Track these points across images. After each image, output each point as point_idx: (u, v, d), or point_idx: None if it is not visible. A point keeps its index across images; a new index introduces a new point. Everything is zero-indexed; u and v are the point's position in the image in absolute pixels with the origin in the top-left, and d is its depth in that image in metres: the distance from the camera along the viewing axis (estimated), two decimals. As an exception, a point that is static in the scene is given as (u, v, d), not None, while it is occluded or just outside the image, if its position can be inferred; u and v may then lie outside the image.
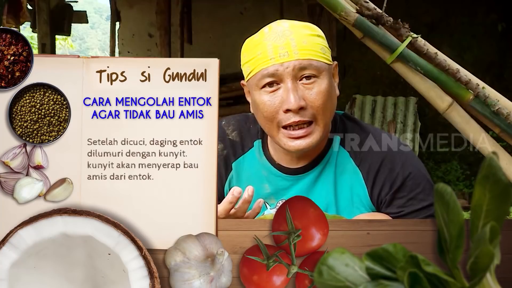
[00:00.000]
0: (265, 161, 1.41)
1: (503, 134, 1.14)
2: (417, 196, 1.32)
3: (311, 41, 1.28)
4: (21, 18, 6.48)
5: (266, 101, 1.28)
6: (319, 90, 1.27)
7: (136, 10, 8.79)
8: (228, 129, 1.47)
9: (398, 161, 1.34)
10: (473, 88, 1.13)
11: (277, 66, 1.26)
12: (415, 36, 1.15)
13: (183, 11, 7.71)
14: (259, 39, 1.31)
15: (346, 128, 1.40)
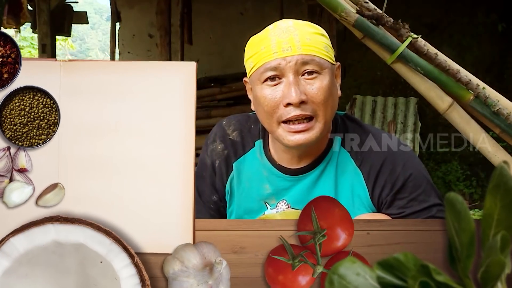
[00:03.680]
0: (266, 161, 1.41)
1: (503, 134, 1.14)
2: (418, 197, 1.32)
3: (314, 39, 1.29)
4: (21, 19, 6.48)
5: (267, 95, 1.28)
6: (321, 85, 1.27)
7: (136, 10, 8.79)
8: (229, 129, 1.47)
9: (399, 162, 1.33)
10: (473, 88, 1.13)
11: (279, 60, 1.26)
12: (415, 36, 1.15)
13: (184, 11, 7.71)
14: (263, 35, 1.32)
15: (347, 129, 1.40)
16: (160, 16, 6.71)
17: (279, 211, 1.38)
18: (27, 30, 9.45)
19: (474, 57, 6.48)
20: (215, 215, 1.47)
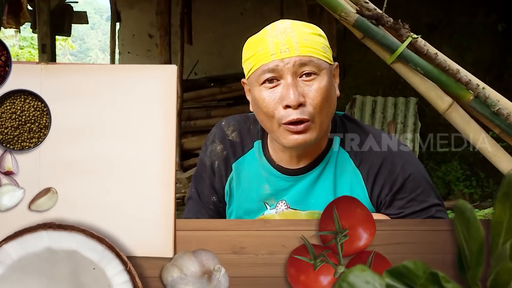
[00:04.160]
0: (265, 161, 1.41)
1: (503, 134, 1.14)
2: (417, 197, 1.31)
3: (312, 39, 1.29)
4: (21, 19, 6.48)
5: (265, 97, 1.28)
6: (319, 86, 1.27)
7: (136, 10, 8.79)
8: (228, 130, 1.47)
9: (398, 162, 1.33)
10: (473, 88, 1.13)
11: (277, 62, 1.26)
12: (415, 36, 1.15)
13: (183, 11, 7.71)
14: (261, 36, 1.31)
15: (346, 129, 1.40)
16: (160, 16, 6.71)
17: (278, 212, 1.38)
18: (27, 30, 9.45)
19: (474, 57, 6.48)
20: (215, 216, 1.47)
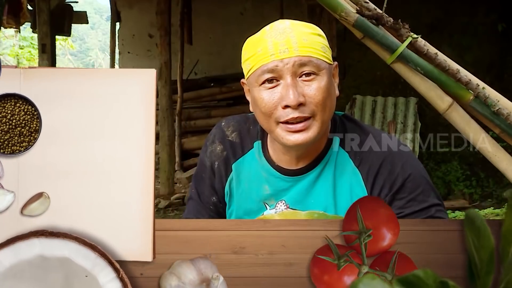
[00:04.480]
0: (265, 162, 1.41)
1: (503, 134, 1.14)
2: (417, 198, 1.31)
3: (311, 39, 1.28)
4: (21, 19, 6.49)
5: (264, 97, 1.28)
6: (319, 86, 1.27)
7: (136, 10, 8.80)
8: (228, 130, 1.47)
9: (398, 162, 1.33)
10: (473, 88, 1.13)
11: (277, 62, 1.26)
12: (415, 36, 1.15)
13: (183, 11, 7.72)
14: (260, 37, 1.31)
15: (346, 129, 1.40)
16: (160, 16, 6.71)
17: (278, 212, 1.38)
18: (27, 30, 9.46)
19: (474, 57, 6.49)
20: (215, 216, 1.47)
